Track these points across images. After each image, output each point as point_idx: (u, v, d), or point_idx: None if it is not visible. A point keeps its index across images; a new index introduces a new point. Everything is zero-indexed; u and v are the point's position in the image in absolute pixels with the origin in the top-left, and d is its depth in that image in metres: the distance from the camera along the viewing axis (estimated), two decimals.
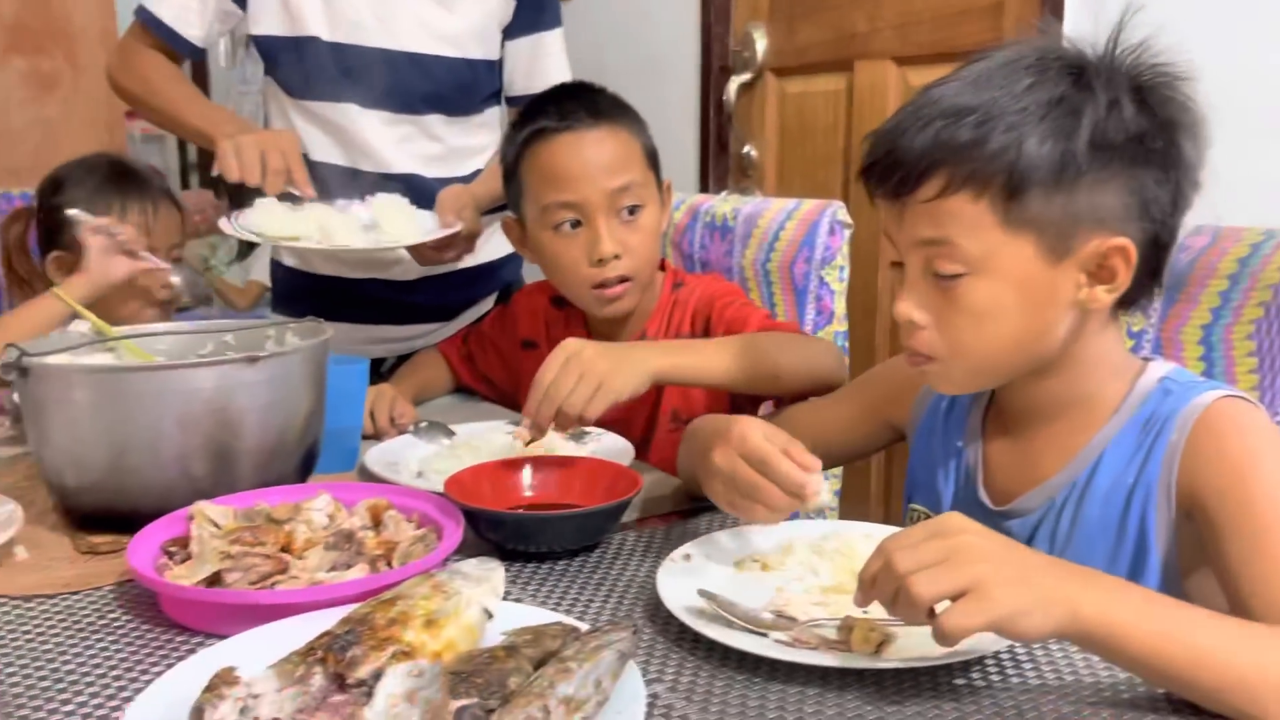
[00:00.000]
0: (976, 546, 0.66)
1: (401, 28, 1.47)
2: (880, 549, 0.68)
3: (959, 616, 0.63)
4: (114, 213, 1.45)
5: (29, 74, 2.44)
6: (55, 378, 0.90)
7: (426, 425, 1.25)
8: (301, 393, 0.99)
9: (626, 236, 1.26)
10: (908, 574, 0.65)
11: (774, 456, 0.79)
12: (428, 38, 1.48)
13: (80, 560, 0.89)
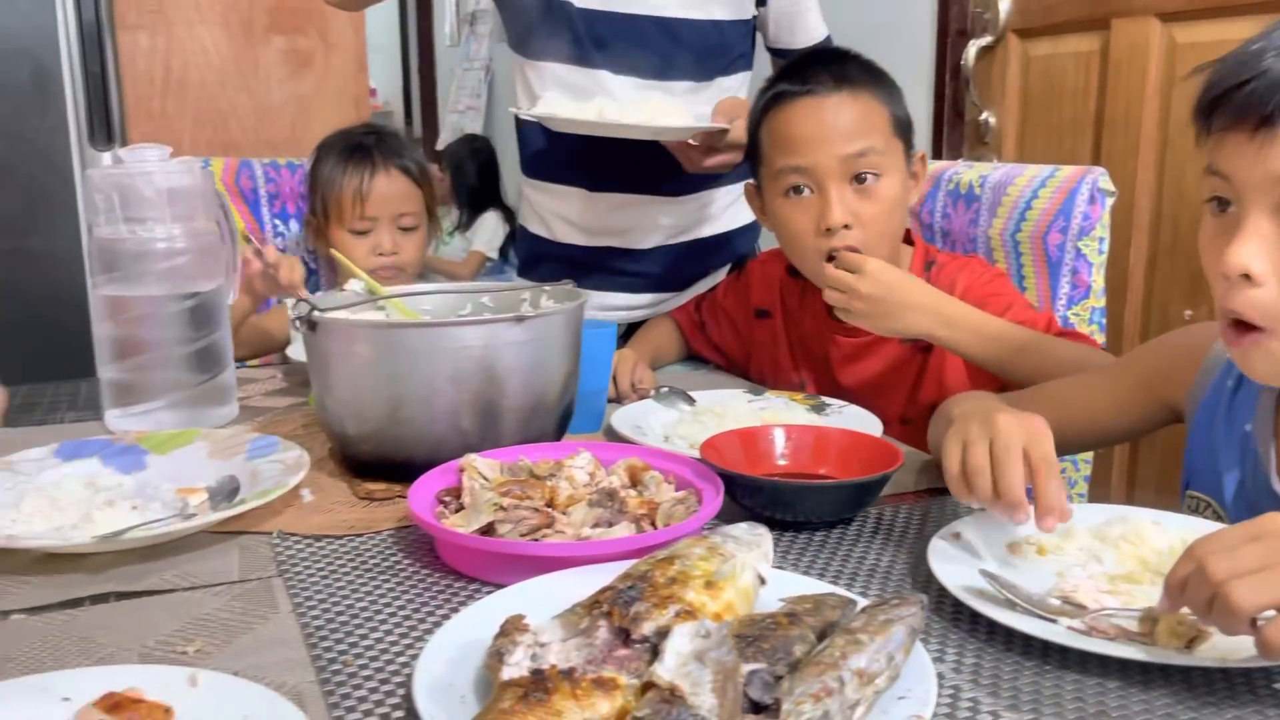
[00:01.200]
0: None
1: None
2: (1191, 552, 0.62)
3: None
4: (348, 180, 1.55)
5: (287, 52, 2.60)
6: (341, 332, 0.95)
7: (667, 391, 1.25)
8: (561, 353, 1.01)
9: (859, 206, 1.22)
10: (1226, 580, 0.59)
11: (1012, 469, 0.75)
12: (677, 1, 1.47)
13: (359, 505, 0.94)
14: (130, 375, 1.15)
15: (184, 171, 1.15)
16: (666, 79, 1.50)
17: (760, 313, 1.43)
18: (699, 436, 1.10)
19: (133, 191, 1.11)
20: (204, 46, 2.51)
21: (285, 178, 1.81)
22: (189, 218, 1.15)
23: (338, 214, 1.55)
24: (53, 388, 1.37)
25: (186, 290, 1.15)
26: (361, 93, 2.74)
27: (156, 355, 1.14)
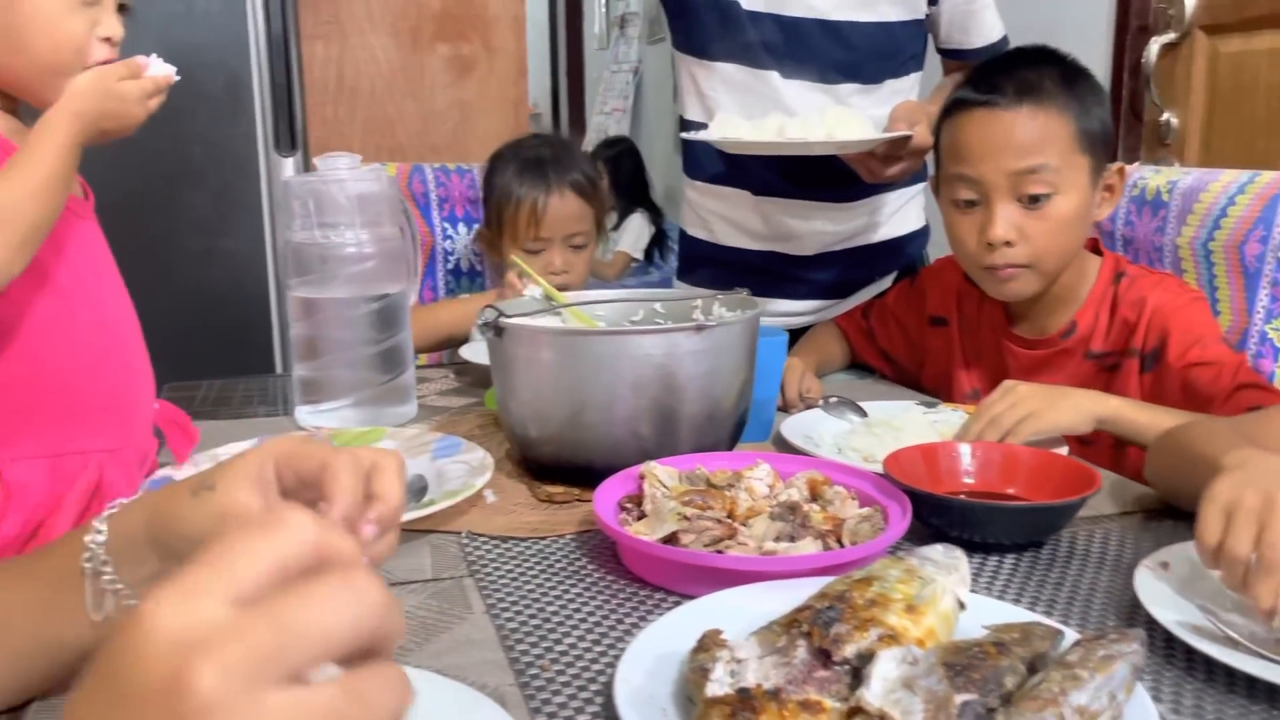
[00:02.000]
0: None
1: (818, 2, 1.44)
2: None
3: None
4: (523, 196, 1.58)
5: (451, 59, 2.68)
6: (526, 338, 0.97)
7: (836, 401, 1.24)
8: (738, 362, 1.01)
9: (1026, 223, 1.18)
10: None
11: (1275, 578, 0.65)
12: (846, 4, 1.44)
13: (540, 507, 0.96)
14: (320, 373, 1.20)
15: (373, 179, 1.19)
16: (836, 82, 1.48)
17: (935, 320, 1.40)
18: (873, 449, 1.08)
19: (326, 198, 1.17)
20: (374, 55, 2.61)
21: (455, 182, 1.86)
22: (376, 223, 1.19)
23: (512, 232, 1.58)
24: (243, 383, 1.45)
25: (373, 293, 1.19)
26: (521, 97, 2.80)
27: (345, 355, 1.19)
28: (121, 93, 0.84)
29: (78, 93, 0.81)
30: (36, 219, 0.78)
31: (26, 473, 0.81)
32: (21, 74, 0.83)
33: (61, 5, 0.82)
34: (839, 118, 1.34)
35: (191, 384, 1.42)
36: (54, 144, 0.79)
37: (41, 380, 0.83)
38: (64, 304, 0.84)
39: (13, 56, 0.82)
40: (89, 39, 0.84)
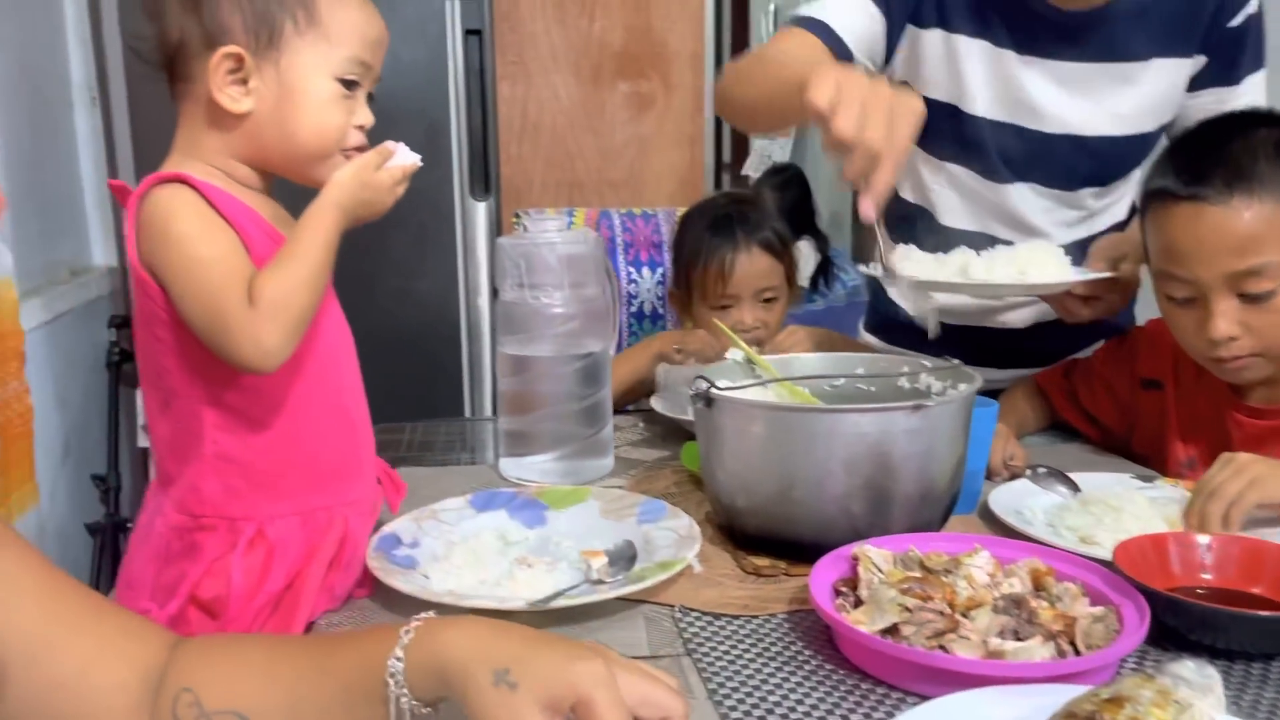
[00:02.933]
0: None
1: (1074, 113, 1.34)
2: None
3: None
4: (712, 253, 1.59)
5: (630, 95, 2.73)
6: (737, 410, 0.98)
7: (1045, 471, 1.19)
8: (954, 440, 0.98)
9: (1252, 318, 1.10)
10: None
11: None
12: (1101, 119, 1.34)
13: (747, 580, 0.96)
14: (526, 427, 1.24)
15: (580, 240, 1.22)
16: (1074, 189, 1.40)
17: (1148, 383, 1.33)
18: (1090, 529, 1.04)
19: (537, 259, 1.20)
20: (557, 93, 2.68)
21: (640, 227, 1.89)
22: (582, 284, 1.22)
23: (701, 291, 1.59)
24: (443, 426, 1.51)
25: (578, 351, 1.22)
26: (698, 132, 2.82)
27: (550, 410, 1.23)
28: (376, 183, 0.89)
29: (339, 184, 0.87)
30: (306, 308, 0.83)
31: (285, 530, 0.87)
32: (289, 159, 0.90)
33: (326, 99, 0.88)
34: (1031, 255, 1.25)
35: (396, 426, 1.49)
36: (320, 235, 0.85)
37: (297, 446, 0.89)
38: (315, 376, 0.90)
39: (282, 144, 0.89)
40: (348, 128, 0.90)
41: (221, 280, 0.81)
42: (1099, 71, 1.31)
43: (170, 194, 0.83)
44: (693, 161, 2.80)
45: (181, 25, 0.87)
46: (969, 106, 1.35)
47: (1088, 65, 1.31)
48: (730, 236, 1.57)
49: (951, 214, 1.43)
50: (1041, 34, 1.30)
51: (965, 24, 1.31)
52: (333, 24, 0.88)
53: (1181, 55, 1.32)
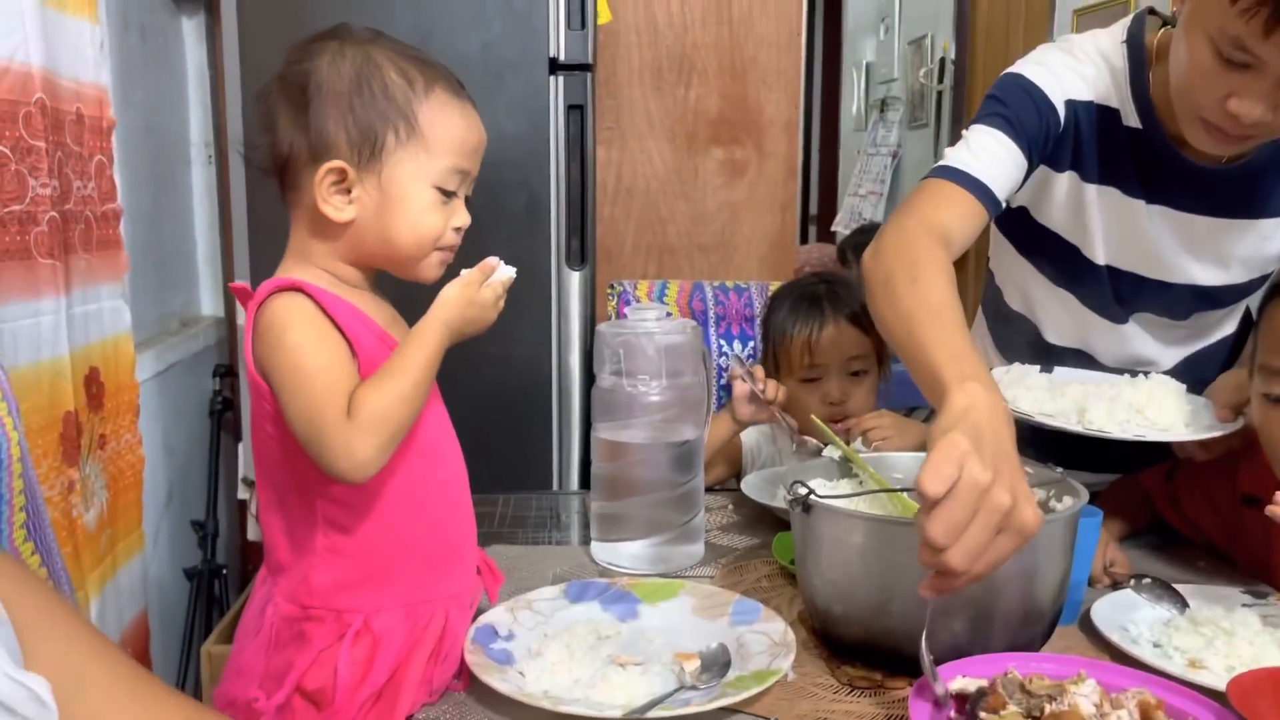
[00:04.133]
0: None
1: (1199, 267, 1.31)
2: None
3: None
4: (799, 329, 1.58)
5: (724, 161, 2.75)
6: (837, 519, 0.97)
7: (1149, 583, 1.16)
8: (1058, 557, 0.96)
9: None
10: None
11: None
12: (1227, 271, 1.31)
13: (842, 691, 0.95)
14: (619, 511, 1.25)
15: (679, 330, 1.24)
16: (1183, 319, 1.37)
17: (1247, 499, 1.28)
18: (1200, 653, 1.01)
19: (635, 349, 1.22)
20: (651, 158, 2.72)
21: (732, 300, 1.91)
22: (679, 373, 1.23)
23: (787, 364, 1.59)
24: (535, 500, 1.53)
25: (673, 439, 1.23)
26: (789, 198, 2.83)
27: (645, 497, 1.23)
28: (482, 300, 0.92)
29: (446, 303, 0.90)
30: (404, 422, 0.86)
31: (390, 622, 0.89)
32: (389, 259, 0.95)
33: (426, 207, 0.92)
34: (1151, 394, 1.22)
35: (490, 499, 1.51)
36: (425, 352, 0.88)
37: (400, 539, 0.91)
38: (419, 469, 0.92)
39: (383, 247, 0.93)
40: (445, 230, 0.93)
41: (324, 391, 0.85)
42: (1230, 226, 1.27)
43: (287, 303, 0.87)
44: (784, 227, 2.81)
45: (291, 139, 0.91)
46: (1090, 252, 1.32)
47: (1219, 220, 1.27)
48: (818, 309, 1.58)
49: (1057, 333, 1.41)
50: (1174, 185, 1.26)
51: (1097, 170, 1.27)
52: (433, 135, 0.92)
53: None
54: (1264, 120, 1.06)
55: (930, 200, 1.17)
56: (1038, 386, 1.27)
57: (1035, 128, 1.21)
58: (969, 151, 1.19)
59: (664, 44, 2.69)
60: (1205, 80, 1.07)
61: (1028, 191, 1.29)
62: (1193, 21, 1.07)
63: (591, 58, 1.97)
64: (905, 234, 1.10)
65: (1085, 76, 1.24)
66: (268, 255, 1.26)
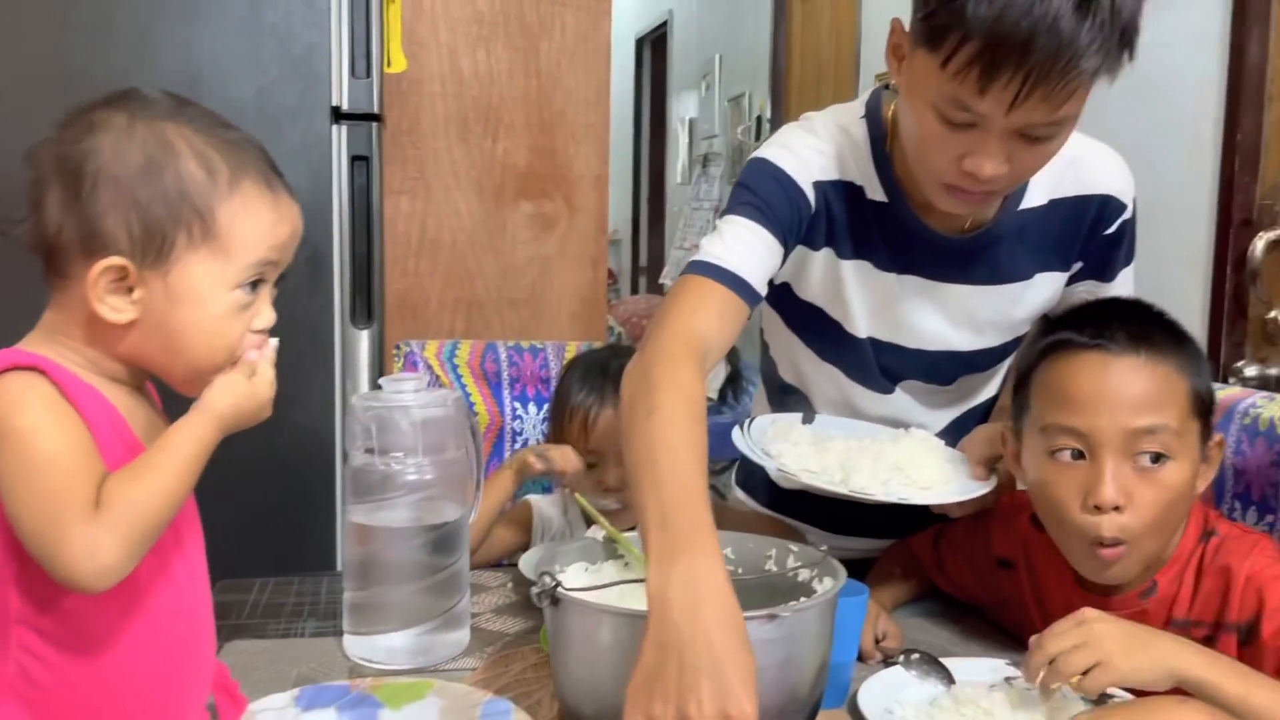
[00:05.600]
0: None
1: (956, 335, 1.32)
2: None
3: None
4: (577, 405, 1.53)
5: (534, 216, 2.70)
6: (585, 613, 0.91)
7: (918, 658, 1.14)
8: (815, 644, 0.92)
9: (1136, 488, 1.06)
10: None
11: None
12: (984, 336, 1.33)
13: None
14: (372, 600, 1.15)
15: (439, 403, 1.16)
16: (948, 384, 1.39)
17: (1002, 563, 1.29)
18: None
19: (389, 423, 1.13)
20: (457, 210, 2.64)
21: (527, 362, 1.84)
22: (440, 448, 1.15)
23: (570, 440, 1.51)
24: (297, 584, 1.41)
25: (433, 520, 1.15)
26: (600, 254, 2.80)
27: (399, 583, 1.14)
28: (260, 391, 0.82)
29: (220, 392, 0.79)
30: (157, 525, 0.75)
31: None
32: (169, 371, 0.82)
33: (224, 312, 0.80)
34: (911, 453, 1.23)
35: (244, 583, 1.38)
36: (191, 446, 0.77)
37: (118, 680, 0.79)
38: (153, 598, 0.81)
39: (166, 356, 0.80)
40: (244, 337, 0.82)
41: (65, 478, 0.72)
42: (978, 293, 1.29)
43: (20, 384, 0.74)
44: (595, 282, 2.78)
45: (61, 223, 0.77)
46: (851, 327, 1.32)
47: (968, 287, 1.29)
48: (599, 389, 1.50)
49: (828, 404, 1.40)
50: (922, 256, 1.27)
51: (850, 246, 1.27)
52: (234, 236, 0.80)
53: (1062, 269, 1.31)
54: (1000, 173, 1.07)
55: (689, 302, 1.13)
56: (803, 441, 1.26)
57: (787, 213, 1.20)
58: (723, 245, 1.17)
59: (470, 95, 2.63)
60: (937, 145, 1.08)
61: (789, 269, 1.28)
62: (913, 90, 1.08)
63: (378, 107, 1.89)
64: (660, 348, 1.05)
65: (827, 155, 1.24)
66: None
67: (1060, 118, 1.04)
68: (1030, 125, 1.04)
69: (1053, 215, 1.27)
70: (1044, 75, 0.98)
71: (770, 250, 1.19)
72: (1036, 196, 1.27)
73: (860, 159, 1.25)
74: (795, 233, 1.23)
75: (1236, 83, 2.01)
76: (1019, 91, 0.99)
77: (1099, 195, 1.28)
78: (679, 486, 0.90)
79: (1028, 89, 0.99)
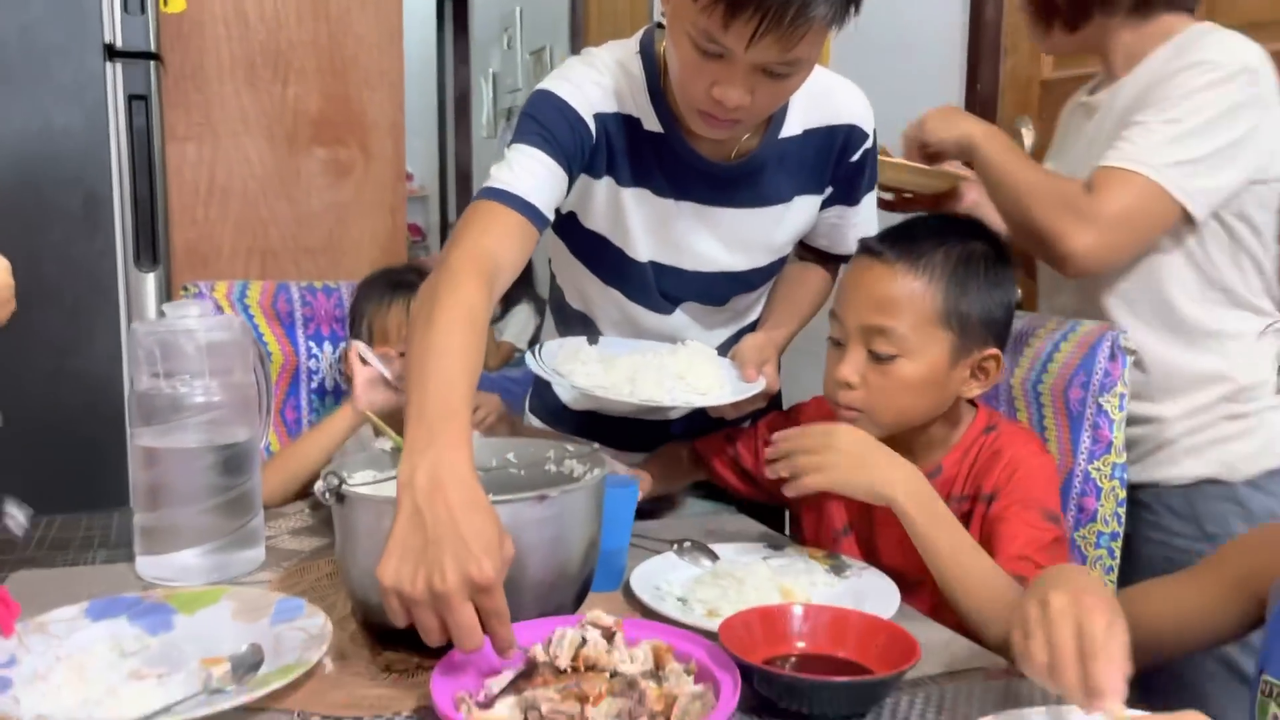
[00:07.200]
0: None
1: (728, 256, 1.43)
2: None
3: None
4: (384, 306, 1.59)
5: (328, 162, 2.68)
6: (367, 507, 0.97)
7: (689, 545, 1.27)
8: (583, 527, 1.02)
9: (871, 375, 1.26)
10: None
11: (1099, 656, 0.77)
12: (753, 256, 1.45)
13: (380, 678, 0.96)
14: (163, 522, 1.18)
15: (224, 326, 1.19)
16: (722, 304, 1.50)
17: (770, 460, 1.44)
18: (717, 602, 1.11)
19: (174, 347, 1.15)
20: (248, 157, 2.59)
21: (321, 301, 1.85)
22: (227, 371, 1.18)
23: (381, 339, 1.59)
24: (85, 520, 1.40)
25: (222, 441, 1.18)
26: (399, 201, 2.81)
27: (190, 504, 1.17)
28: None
29: None
30: None
31: None
32: None
33: None
34: (691, 361, 1.35)
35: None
36: None
37: None
38: None
39: None
40: None
41: None
42: (750, 216, 1.41)
43: None
44: (394, 230, 2.78)
45: None
46: (633, 252, 1.41)
47: (740, 211, 1.40)
48: (387, 296, 1.60)
49: (613, 327, 1.50)
50: (696, 182, 1.37)
51: (629, 174, 1.36)
52: None
53: (816, 192, 1.45)
54: (743, 103, 1.18)
55: (479, 225, 1.20)
56: (591, 360, 1.35)
57: (569, 141, 1.28)
58: (511, 172, 1.24)
59: (256, 39, 2.57)
60: (692, 73, 1.19)
61: (573, 198, 1.37)
62: (674, 23, 1.19)
63: (155, 45, 1.85)
64: (447, 267, 1.12)
65: (606, 88, 1.33)
66: None
67: (794, 59, 1.16)
68: (769, 62, 1.15)
69: (808, 143, 1.41)
70: (778, 18, 1.10)
71: (555, 177, 1.27)
72: (794, 126, 1.40)
73: (637, 92, 1.34)
74: (578, 160, 1.31)
75: (976, 36, 2.23)
76: (756, 30, 1.10)
77: (845, 125, 1.42)
78: (440, 385, 0.97)
79: (764, 29, 1.10)
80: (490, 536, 0.87)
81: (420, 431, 0.93)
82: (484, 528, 0.87)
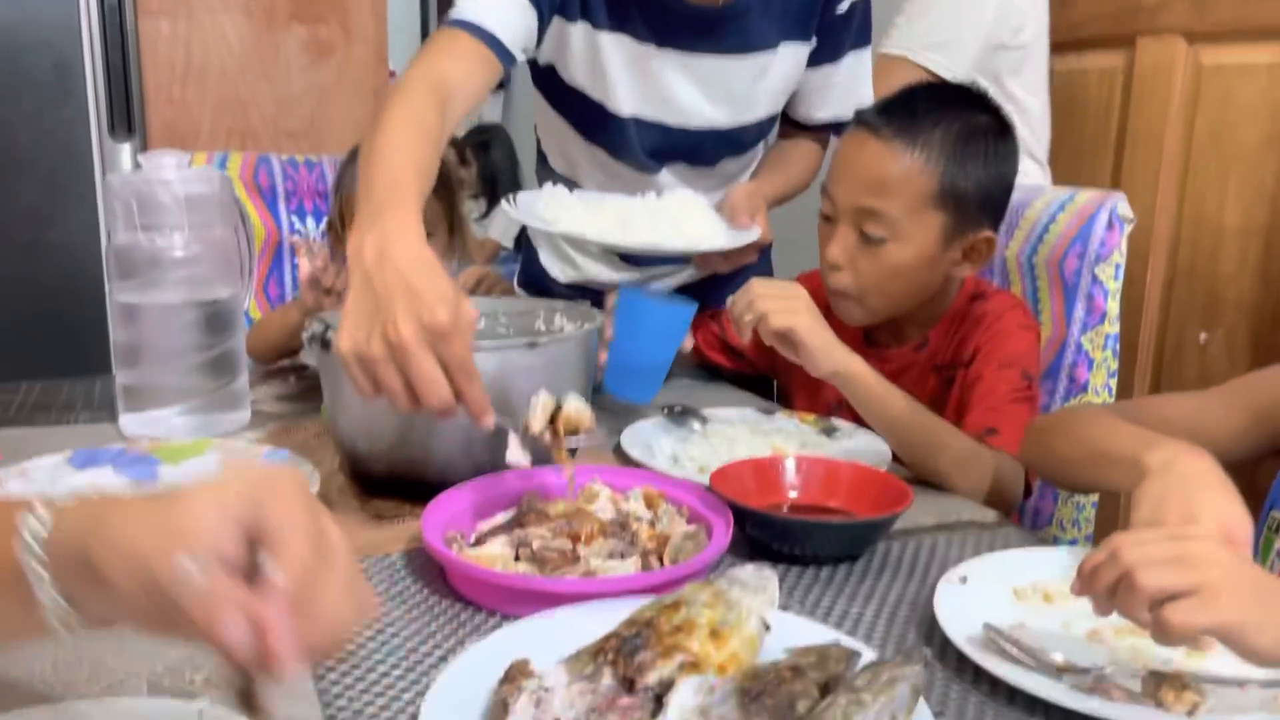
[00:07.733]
0: (1212, 553, 0.65)
1: (714, 109, 1.39)
2: (1108, 542, 0.67)
3: (1183, 612, 0.62)
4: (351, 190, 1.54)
5: (308, 42, 2.60)
6: None
7: (680, 410, 1.26)
8: (574, 376, 1.01)
9: (860, 257, 1.21)
10: (1134, 565, 0.64)
11: None
12: (739, 111, 1.40)
13: (368, 525, 0.95)
14: (145, 380, 1.16)
15: (202, 179, 1.15)
16: (710, 166, 1.46)
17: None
18: (708, 459, 1.11)
19: (151, 199, 1.12)
20: (225, 34, 2.51)
21: (303, 175, 1.81)
22: (207, 225, 1.15)
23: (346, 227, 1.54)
24: (67, 385, 1.38)
25: (203, 297, 1.15)
26: (381, 83, 2.73)
27: (171, 361, 1.15)
28: None
29: None
30: None
31: None
32: None
33: None
34: (683, 207, 1.31)
35: (10, 386, 1.35)
36: None
37: None
38: None
39: None
40: None
41: None
42: (735, 64, 1.36)
43: None
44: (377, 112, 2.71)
45: None
46: (614, 105, 1.36)
47: (724, 58, 1.35)
48: None
49: (598, 189, 1.46)
50: (678, 28, 1.32)
51: (607, 18, 1.31)
52: None
53: (802, 40, 1.39)
54: None
55: (439, 50, 1.17)
56: (575, 206, 1.32)
57: None
58: (477, 3, 1.20)
59: None
60: None
61: (550, 48, 1.32)
62: None
63: None
64: (398, 86, 1.08)
65: None
66: None
67: None
68: None
69: None
70: None
71: (523, 10, 1.23)
72: None
73: None
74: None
75: None
76: None
77: None
78: (387, 171, 0.94)
79: None
80: (443, 288, 0.83)
81: (368, 209, 0.90)
82: (436, 281, 0.83)
